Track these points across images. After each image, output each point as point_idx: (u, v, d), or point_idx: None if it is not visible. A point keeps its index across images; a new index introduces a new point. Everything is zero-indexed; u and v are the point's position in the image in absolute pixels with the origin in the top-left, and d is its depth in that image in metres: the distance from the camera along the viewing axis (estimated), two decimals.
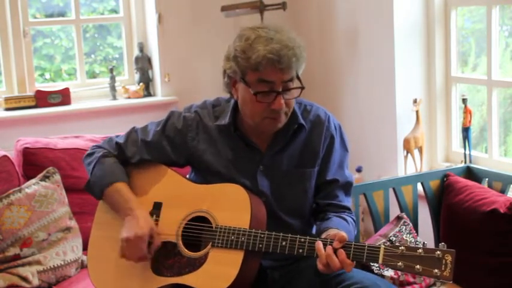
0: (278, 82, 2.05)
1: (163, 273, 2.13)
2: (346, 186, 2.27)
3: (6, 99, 3.75)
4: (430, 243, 1.93)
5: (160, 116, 2.34)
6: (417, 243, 2.78)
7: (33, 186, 2.86)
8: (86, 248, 2.41)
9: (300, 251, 2.00)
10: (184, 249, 2.13)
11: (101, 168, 2.24)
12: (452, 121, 3.54)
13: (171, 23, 4.03)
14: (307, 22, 4.14)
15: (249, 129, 2.21)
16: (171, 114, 2.29)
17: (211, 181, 2.20)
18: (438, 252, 1.84)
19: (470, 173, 3.05)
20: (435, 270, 1.83)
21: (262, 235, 2.04)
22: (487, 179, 2.96)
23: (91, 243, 2.31)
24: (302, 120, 2.20)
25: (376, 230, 2.90)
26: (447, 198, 2.90)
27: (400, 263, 1.86)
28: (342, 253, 1.92)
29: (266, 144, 2.22)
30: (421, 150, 3.45)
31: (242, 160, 2.21)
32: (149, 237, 2.11)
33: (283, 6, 3.76)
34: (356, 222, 2.30)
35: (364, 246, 1.92)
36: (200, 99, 2.32)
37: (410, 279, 2.69)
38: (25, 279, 2.73)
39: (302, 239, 2.00)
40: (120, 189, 2.21)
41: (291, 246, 2.01)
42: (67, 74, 4.21)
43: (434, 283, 2.70)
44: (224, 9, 3.82)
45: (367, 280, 2.07)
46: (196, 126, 2.25)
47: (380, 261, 1.89)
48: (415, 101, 3.41)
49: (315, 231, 2.25)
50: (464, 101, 3.30)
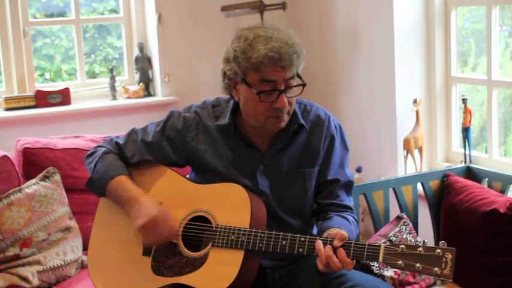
0: (280, 80, 2.05)
1: (163, 273, 2.13)
2: (348, 186, 2.26)
3: (6, 99, 3.75)
4: (430, 243, 1.93)
5: (160, 116, 2.34)
6: (417, 243, 2.77)
7: (33, 186, 2.86)
8: (86, 248, 2.41)
9: (300, 250, 1.99)
10: (185, 249, 2.13)
11: (103, 164, 2.24)
12: (452, 121, 3.53)
13: (171, 23, 4.03)
14: (307, 22, 4.14)
15: (249, 130, 2.20)
16: (171, 115, 2.28)
17: (212, 181, 2.20)
18: (438, 250, 1.84)
19: (470, 173, 3.04)
20: (435, 269, 1.83)
21: (262, 235, 2.03)
22: (487, 179, 2.96)
23: (91, 243, 2.31)
24: (302, 120, 2.20)
25: (376, 230, 2.90)
26: (447, 198, 2.90)
27: (400, 262, 1.86)
28: (342, 252, 1.91)
29: (266, 144, 2.21)
30: (421, 150, 3.44)
31: (242, 160, 2.21)
32: (162, 214, 2.10)
33: (283, 6, 3.77)
34: (357, 222, 2.29)
35: (364, 245, 1.92)
36: (200, 100, 2.31)
37: (411, 279, 2.69)
38: (25, 279, 2.73)
39: (302, 238, 2.00)
40: (122, 182, 2.20)
41: (291, 246, 2.01)
42: (67, 74, 4.21)
43: (435, 283, 2.69)
44: (224, 9, 3.82)
45: (367, 282, 2.07)
46: (196, 127, 2.24)
47: (380, 259, 1.89)
48: (415, 101, 3.41)
49: (316, 231, 2.24)
50: (464, 101, 3.30)
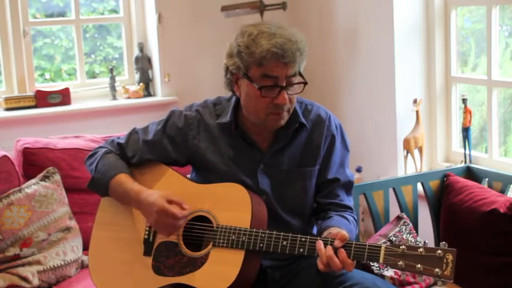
0: (282, 77, 2.05)
1: (164, 273, 2.13)
2: (348, 185, 2.27)
3: (6, 99, 3.75)
4: (430, 243, 1.92)
5: (160, 116, 2.33)
6: (417, 243, 2.77)
7: (33, 186, 2.86)
8: (86, 248, 2.41)
9: (300, 250, 2.00)
10: (186, 249, 2.13)
11: (104, 164, 2.24)
12: (452, 121, 3.53)
13: (171, 23, 4.03)
14: (307, 22, 4.14)
15: (250, 128, 2.20)
16: (172, 113, 2.28)
17: (212, 180, 2.20)
18: (439, 251, 1.84)
19: (470, 173, 3.04)
20: (436, 270, 1.83)
21: (263, 235, 2.04)
22: (487, 179, 2.96)
23: (92, 242, 2.31)
24: (303, 120, 2.20)
25: (376, 230, 2.90)
26: (447, 198, 2.90)
27: (400, 262, 1.86)
28: (343, 252, 1.91)
29: (267, 143, 2.21)
30: (421, 150, 3.44)
31: (243, 158, 2.21)
32: (169, 203, 2.09)
33: (283, 6, 3.77)
34: (357, 221, 2.29)
35: (365, 245, 1.92)
36: (200, 99, 2.31)
37: (411, 279, 2.69)
38: (25, 279, 2.73)
39: (303, 239, 2.00)
40: (124, 180, 2.20)
41: (292, 246, 2.01)
42: (67, 74, 4.21)
43: (435, 283, 2.69)
44: (224, 9, 3.82)
45: (367, 281, 2.08)
46: (197, 125, 2.24)
47: (381, 260, 1.89)
48: (415, 101, 3.41)
49: (316, 230, 2.24)
50: (464, 101, 3.31)
